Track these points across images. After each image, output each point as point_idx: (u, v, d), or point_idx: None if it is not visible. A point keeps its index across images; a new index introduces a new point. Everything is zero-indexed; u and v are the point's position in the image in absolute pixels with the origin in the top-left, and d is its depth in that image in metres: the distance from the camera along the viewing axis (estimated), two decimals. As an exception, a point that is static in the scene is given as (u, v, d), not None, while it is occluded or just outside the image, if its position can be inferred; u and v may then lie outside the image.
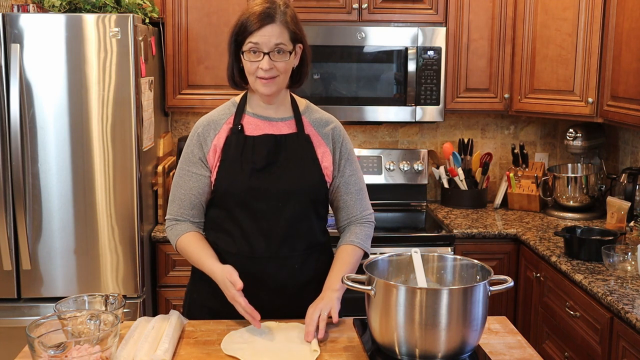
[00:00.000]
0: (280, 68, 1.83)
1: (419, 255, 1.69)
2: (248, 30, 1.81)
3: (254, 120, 1.93)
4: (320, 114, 2.01)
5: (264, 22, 1.80)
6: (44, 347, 1.41)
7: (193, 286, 2.03)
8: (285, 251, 1.88)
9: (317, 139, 1.95)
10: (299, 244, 1.90)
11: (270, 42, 1.80)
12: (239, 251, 1.89)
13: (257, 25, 1.79)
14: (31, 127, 2.70)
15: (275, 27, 1.80)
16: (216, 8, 3.21)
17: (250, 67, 1.83)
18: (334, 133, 1.98)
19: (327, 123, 1.99)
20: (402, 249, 2.71)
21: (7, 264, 2.75)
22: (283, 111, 1.95)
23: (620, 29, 2.81)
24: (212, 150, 1.91)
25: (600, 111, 2.98)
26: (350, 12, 3.26)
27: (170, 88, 3.25)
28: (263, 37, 1.80)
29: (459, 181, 3.53)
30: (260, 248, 1.87)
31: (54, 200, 2.74)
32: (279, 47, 1.81)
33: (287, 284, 1.90)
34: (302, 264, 1.91)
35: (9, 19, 2.65)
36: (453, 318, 1.51)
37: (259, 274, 1.88)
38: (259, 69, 1.82)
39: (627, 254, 2.44)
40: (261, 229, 1.87)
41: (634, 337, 2.04)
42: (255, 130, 1.92)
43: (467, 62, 3.32)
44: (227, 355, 1.63)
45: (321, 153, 1.94)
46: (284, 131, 1.92)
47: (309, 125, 1.96)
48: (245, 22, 1.82)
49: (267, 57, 1.80)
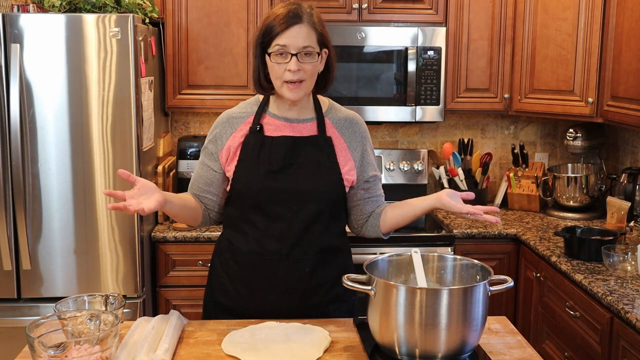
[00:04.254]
0: (308, 71, 1.79)
1: (419, 255, 1.69)
2: (275, 31, 1.77)
3: (274, 121, 1.91)
4: (344, 113, 1.97)
5: (291, 22, 1.76)
6: (44, 347, 1.41)
7: (209, 282, 2.05)
8: (297, 253, 1.87)
9: (339, 141, 1.92)
10: (312, 247, 1.88)
11: (297, 43, 1.76)
12: (251, 250, 1.88)
13: (284, 26, 1.76)
14: (31, 127, 2.70)
15: (302, 27, 1.77)
16: (216, 8, 3.21)
17: (277, 70, 1.79)
18: (358, 134, 1.95)
19: (352, 124, 1.96)
20: (402, 249, 2.70)
21: (7, 264, 2.75)
22: (305, 112, 1.92)
23: (620, 29, 2.80)
24: (225, 149, 1.90)
25: (600, 111, 2.98)
26: (350, 12, 3.26)
27: (170, 88, 3.25)
28: (290, 38, 1.76)
29: (459, 181, 3.53)
30: (272, 249, 1.86)
31: (54, 200, 2.74)
32: (307, 49, 1.77)
33: (297, 287, 1.89)
34: (313, 267, 1.89)
35: (9, 19, 2.65)
36: (453, 318, 1.51)
37: (269, 275, 1.88)
38: (287, 72, 1.77)
39: (627, 254, 2.44)
40: (274, 231, 1.86)
41: (634, 337, 2.04)
42: (275, 131, 1.89)
43: (467, 62, 3.32)
44: (227, 355, 1.63)
45: (342, 157, 1.91)
46: (304, 133, 1.90)
47: (331, 126, 1.93)
48: (271, 23, 1.78)
49: (294, 59, 1.76)
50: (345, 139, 1.93)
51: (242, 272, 1.91)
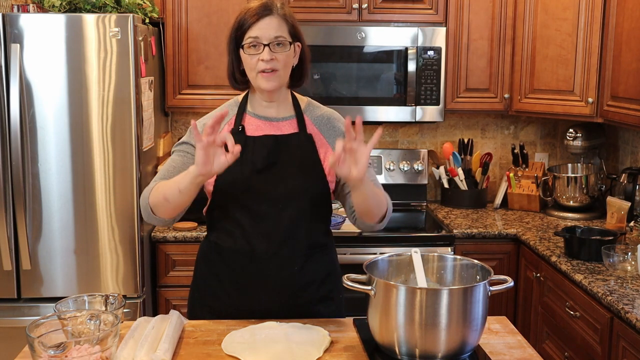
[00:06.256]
0: (281, 60, 1.83)
1: (419, 255, 1.69)
2: (247, 24, 1.82)
3: (255, 121, 1.92)
4: (322, 111, 2.00)
5: (262, 14, 1.81)
6: (44, 347, 1.41)
7: (195, 285, 2.04)
8: (285, 252, 1.88)
9: (319, 137, 1.94)
10: (300, 245, 1.89)
11: (269, 34, 1.81)
12: (240, 250, 1.88)
13: (255, 18, 1.81)
14: (31, 127, 2.70)
15: (273, 18, 1.82)
16: (216, 8, 3.21)
17: (250, 61, 1.83)
18: (338, 129, 1.96)
19: (331, 120, 1.98)
20: (402, 249, 2.71)
21: (7, 264, 2.75)
22: (284, 110, 1.95)
23: (620, 29, 2.81)
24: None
25: (600, 111, 2.98)
26: (350, 12, 3.26)
27: (170, 88, 3.25)
28: (262, 30, 1.81)
29: (459, 181, 3.53)
30: (260, 248, 1.87)
31: (54, 200, 2.74)
32: (279, 40, 1.82)
33: (287, 285, 1.89)
34: (302, 265, 1.90)
35: (9, 19, 2.65)
36: (453, 318, 1.51)
37: (259, 274, 1.88)
38: (260, 62, 1.81)
39: (627, 254, 2.44)
40: (261, 230, 1.87)
41: (634, 337, 2.04)
42: (256, 130, 1.91)
43: (467, 62, 3.32)
44: (227, 355, 1.63)
45: (323, 153, 1.92)
46: (285, 131, 1.92)
47: (311, 124, 1.95)
48: (243, 17, 1.84)
49: (267, 49, 1.81)
50: (325, 136, 1.95)
51: (232, 273, 1.91)
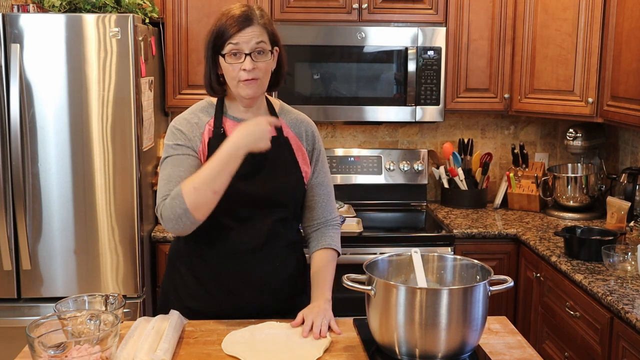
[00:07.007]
0: (262, 69, 1.82)
1: (419, 255, 1.70)
2: (228, 33, 1.79)
3: (235, 124, 1.90)
4: (295, 114, 2.02)
5: (244, 24, 1.79)
6: (44, 347, 1.41)
7: (169, 286, 2.00)
8: (267, 250, 1.90)
9: (295, 140, 1.97)
10: (280, 243, 1.93)
11: (251, 43, 1.79)
12: (223, 252, 1.89)
13: (237, 28, 1.79)
14: (31, 127, 2.70)
15: (255, 28, 1.80)
16: (216, 8, 3.20)
17: (231, 70, 1.81)
18: (309, 133, 2.00)
19: (303, 123, 2.00)
20: (402, 249, 2.71)
21: (7, 264, 2.75)
22: (260, 113, 1.94)
23: (620, 29, 2.81)
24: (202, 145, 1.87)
25: (600, 111, 2.98)
26: (350, 12, 3.26)
27: (170, 88, 3.25)
28: (244, 38, 1.79)
29: (459, 181, 3.53)
30: (244, 248, 1.88)
31: (54, 200, 2.74)
32: (260, 47, 1.81)
33: (270, 281, 1.92)
34: (282, 261, 1.94)
35: (9, 19, 2.65)
36: (453, 318, 1.52)
37: (243, 273, 1.90)
38: (241, 71, 1.80)
39: (627, 254, 2.44)
40: (245, 231, 1.88)
41: (634, 337, 2.04)
42: None
43: (467, 62, 3.32)
44: (227, 355, 1.64)
45: (300, 156, 1.96)
46: None
47: (286, 127, 1.97)
48: (223, 25, 1.81)
49: (249, 58, 1.79)
50: (300, 138, 1.98)
51: (214, 273, 1.91)
